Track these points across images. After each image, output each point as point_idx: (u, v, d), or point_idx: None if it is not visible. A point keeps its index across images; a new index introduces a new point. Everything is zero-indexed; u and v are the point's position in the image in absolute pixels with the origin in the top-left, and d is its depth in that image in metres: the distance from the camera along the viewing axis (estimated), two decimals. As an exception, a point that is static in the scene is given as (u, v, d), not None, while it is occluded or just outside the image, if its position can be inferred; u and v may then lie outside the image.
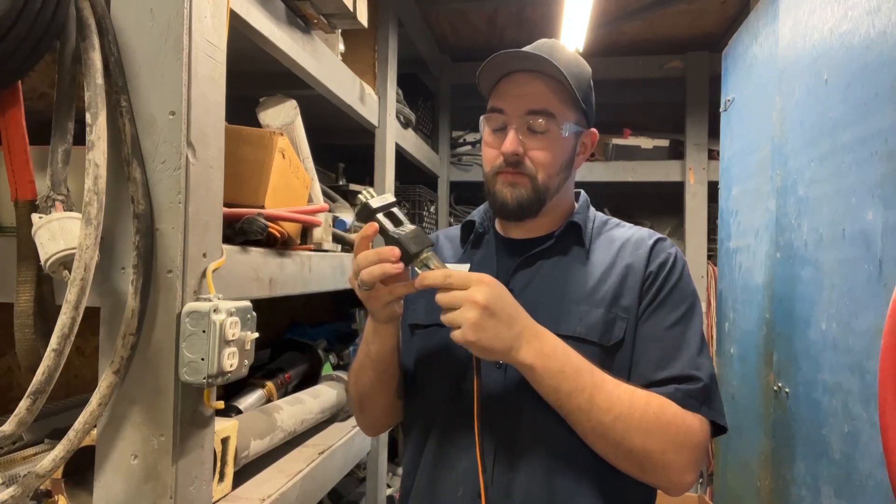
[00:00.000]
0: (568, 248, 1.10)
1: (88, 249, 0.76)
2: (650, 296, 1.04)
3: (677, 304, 1.03)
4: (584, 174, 3.21)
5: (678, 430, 0.94)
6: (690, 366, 0.99)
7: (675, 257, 1.08)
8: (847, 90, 1.18)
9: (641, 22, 2.79)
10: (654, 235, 1.11)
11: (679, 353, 1.00)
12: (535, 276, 1.08)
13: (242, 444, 1.23)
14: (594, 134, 1.14)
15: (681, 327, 1.02)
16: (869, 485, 1.06)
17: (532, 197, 1.06)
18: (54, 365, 0.74)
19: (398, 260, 0.91)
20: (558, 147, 1.06)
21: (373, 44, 2.08)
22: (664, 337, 1.01)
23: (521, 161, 1.05)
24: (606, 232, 1.14)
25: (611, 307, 1.02)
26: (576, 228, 1.11)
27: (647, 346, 1.01)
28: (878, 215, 1.03)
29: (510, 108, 1.06)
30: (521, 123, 1.05)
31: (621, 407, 0.92)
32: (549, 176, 1.06)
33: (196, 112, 0.89)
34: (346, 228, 1.70)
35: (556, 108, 1.05)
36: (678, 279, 1.05)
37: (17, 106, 0.84)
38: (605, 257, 1.09)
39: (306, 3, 1.35)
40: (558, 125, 1.05)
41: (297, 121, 1.47)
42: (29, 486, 0.78)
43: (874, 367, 0.95)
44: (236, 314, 0.88)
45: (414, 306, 1.16)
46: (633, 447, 0.93)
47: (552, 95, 1.05)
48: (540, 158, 1.05)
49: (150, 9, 0.87)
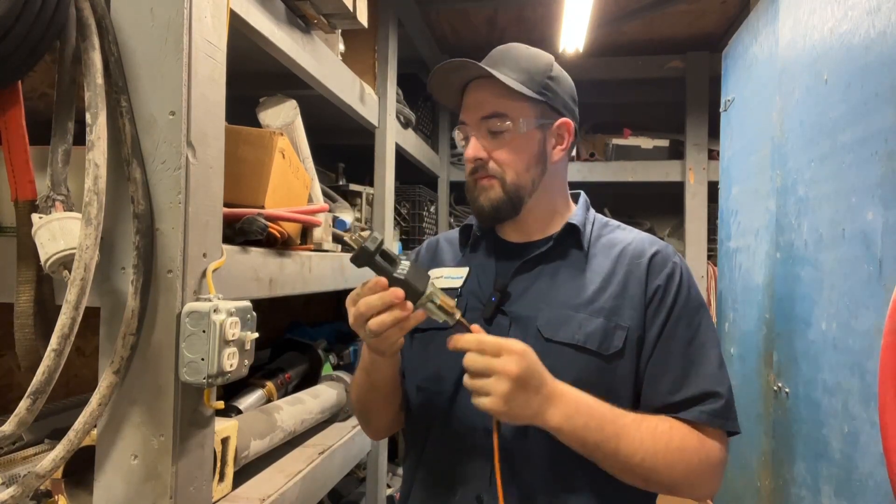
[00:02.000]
0: (567, 252, 1.10)
1: (88, 249, 0.76)
2: (664, 313, 1.03)
3: (691, 317, 1.03)
4: (584, 174, 3.24)
5: (700, 458, 0.97)
6: (712, 382, 1.00)
7: (682, 268, 1.07)
8: (847, 90, 1.18)
9: (641, 22, 2.79)
10: (654, 244, 1.10)
11: (700, 370, 1.00)
12: (534, 280, 1.08)
13: (242, 444, 1.23)
14: (567, 123, 1.11)
15: (698, 342, 1.02)
16: (869, 485, 1.06)
17: (503, 197, 1.07)
18: (54, 365, 0.74)
19: (404, 300, 0.89)
20: (519, 144, 1.07)
21: (373, 44, 2.08)
22: (683, 354, 1.01)
23: (486, 164, 1.07)
24: (607, 235, 1.13)
25: (610, 317, 1.02)
26: (574, 231, 1.10)
27: (666, 365, 1.01)
28: (878, 215, 1.03)
29: (468, 117, 1.09)
30: (481, 129, 1.07)
31: (645, 449, 0.94)
32: (517, 174, 1.07)
33: (196, 112, 0.89)
34: (346, 228, 1.70)
35: (507, 107, 1.06)
36: (688, 292, 1.05)
37: (17, 106, 0.84)
38: (605, 263, 1.08)
39: (306, 3, 1.35)
40: (515, 123, 1.06)
41: (297, 121, 1.47)
42: (29, 486, 0.78)
43: (874, 367, 0.95)
44: (236, 314, 0.88)
45: None
46: (660, 481, 0.96)
47: (502, 97, 1.05)
48: (503, 158, 1.06)
49: (150, 9, 0.87)
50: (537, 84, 1.07)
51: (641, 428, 0.95)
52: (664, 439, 0.95)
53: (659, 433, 0.95)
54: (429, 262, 1.22)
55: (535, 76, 1.08)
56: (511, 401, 0.87)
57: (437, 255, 1.23)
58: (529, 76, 1.07)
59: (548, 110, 1.09)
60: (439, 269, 1.18)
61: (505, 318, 1.06)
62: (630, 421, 0.95)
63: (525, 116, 1.07)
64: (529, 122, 1.07)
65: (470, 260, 1.17)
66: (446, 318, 0.93)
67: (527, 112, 1.07)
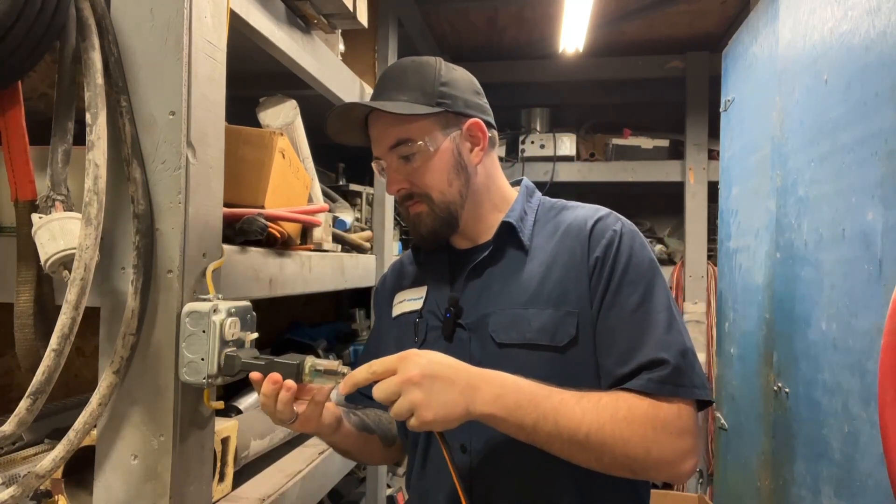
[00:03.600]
0: (508, 250, 1.07)
1: (88, 249, 0.76)
2: (603, 283, 0.98)
3: (635, 284, 0.97)
4: (584, 174, 3.25)
5: (655, 426, 0.89)
6: (658, 348, 0.93)
7: (621, 233, 1.01)
8: (847, 90, 1.18)
9: (641, 22, 2.79)
10: (595, 214, 1.04)
11: (645, 338, 0.94)
12: (484, 286, 1.05)
13: (242, 444, 1.23)
14: (475, 123, 1.07)
15: (644, 309, 0.96)
16: (869, 485, 1.06)
17: (437, 218, 1.05)
18: (54, 365, 0.74)
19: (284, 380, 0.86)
20: (434, 162, 1.04)
21: (373, 44, 2.08)
22: (627, 324, 0.95)
23: (411, 192, 1.06)
24: (553, 219, 1.09)
25: (559, 304, 0.98)
26: (510, 229, 1.07)
27: (612, 338, 0.96)
28: (878, 215, 1.03)
29: (377, 150, 1.08)
30: (392, 160, 1.05)
31: (589, 422, 0.87)
32: (441, 192, 1.05)
33: (196, 112, 0.89)
34: (346, 228, 1.70)
35: (408, 131, 1.03)
36: (629, 257, 0.99)
37: (17, 106, 0.84)
38: (547, 250, 1.04)
39: (306, 3, 1.35)
40: (422, 143, 1.03)
41: (297, 121, 1.47)
42: (29, 486, 0.78)
43: (874, 367, 0.95)
44: (236, 314, 0.88)
45: (385, 342, 1.17)
46: (614, 456, 0.88)
47: (401, 122, 1.03)
48: (423, 181, 1.04)
49: (150, 9, 0.87)
50: (430, 97, 1.04)
51: (582, 402, 0.88)
52: (609, 410, 0.88)
53: (603, 404, 0.88)
54: (394, 285, 1.22)
55: (426, 89, 1.04)
56: (430, 404, 0.82)
57: (401, 276, 1.22)
58: (421, 91, 1.04)
59: (451, 118, 1.06)
60: (401, 294, 1.18)
61: (465, 332, 1.04)
62: (568, 396, 0.89)
63: (429, 133, 1.04)
64: (436, 138, 1.04)
65: (426, 275, 1.15)
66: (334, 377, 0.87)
67: (429, 128, 1.04)
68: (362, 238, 1.83)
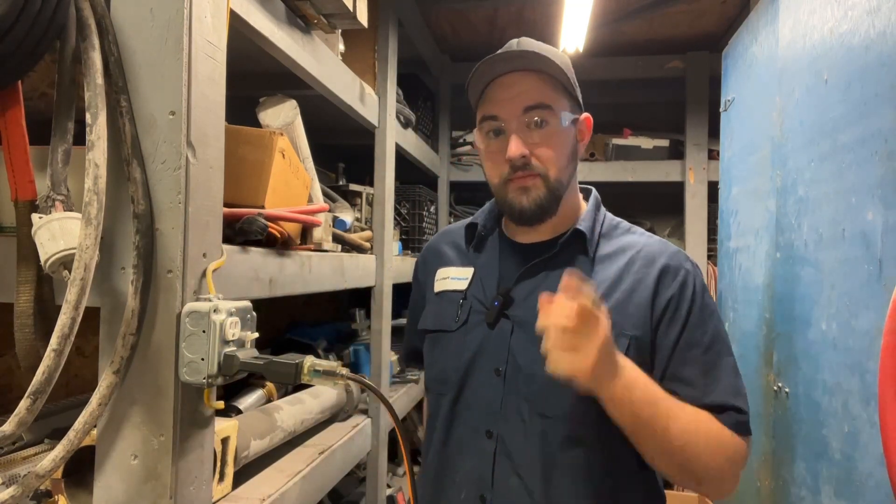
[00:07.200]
0: (572, 257, 1.07)
1: (88, 249, 0.76)
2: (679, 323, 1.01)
3: (706, 324, 1.02)
4: (584, 174, 3.20)
5: (729, 455, 0.97)
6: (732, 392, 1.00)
7: (694, 275, 1.05)
8: (847, 90, 1.18)
9: (641, 22, 2.79)
10: (664, 251, 1.06)
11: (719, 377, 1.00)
12: (538, 286, 1.05)
13: (242, 444, 1.23)
14: (588, 118, 1.10)
15: (715, 350, 1.02)
16: (869, 485, 1.06)
17: (548, 196, 1.03)
18: (54, 365, 0.74)
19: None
20: (561, 139, 1.04)
21: (373, 44, 2.08)
22: (702, 363, 1.00)
23: (529, 162, 1.02)
24: (616, 238, 1.10)
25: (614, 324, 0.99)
26: (580, 237, 1.07)
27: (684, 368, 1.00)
28: (878, 215, 1.03)
29: (504, 111, 1.03)
30: (519, 123, 1.02)
31: (689, 433, 0.93)
32: (559, 170, 1.04)
33: (196, 112, 0.89)
34: (346, 228, 1.70)
35: (552, 98, 1.03)
36: (702, 299, 1.04)
37: (17, 106, 0.84)
38: (612, 270, 1.05)
39: (306, 3, 1.35)
40: (557, 116, 1.02)
41: (297, 121, 1.47)
42: (29, 486, 0.78)
43: (874, 367, 0.95)
44: (236, 314, 0.88)
45: (424, 313, 1.16)
46: (694, 470, 0.95)
47: (545, 88, 1.02)
48: (547, 154, 1.02)
49: (150, 9, 0.86)
50: (571, 78, 1.05)
51: (686, 411, 0.94)
52: (704, 429, 0.95)
53: (701, 421, 0.95)
54: (435, 264, 1.21)
55: (567, 70, 1.05)
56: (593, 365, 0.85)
57: (441, 256, 1.21)
58: (566, 69, 1.04)
59: (576, 105, 1.07)
60: (445, 269, 1.17)
61: (508, 323, 1.05)
62: (676, 404, 0.94)
63: (564, 110, 1.04)
64: (567, 116, 1.04)
65: (475, 260, 1.14)
66: (333, 378, 0.88)
67: (566, 105, 1.04)
68: (362, 238, 1.83)
